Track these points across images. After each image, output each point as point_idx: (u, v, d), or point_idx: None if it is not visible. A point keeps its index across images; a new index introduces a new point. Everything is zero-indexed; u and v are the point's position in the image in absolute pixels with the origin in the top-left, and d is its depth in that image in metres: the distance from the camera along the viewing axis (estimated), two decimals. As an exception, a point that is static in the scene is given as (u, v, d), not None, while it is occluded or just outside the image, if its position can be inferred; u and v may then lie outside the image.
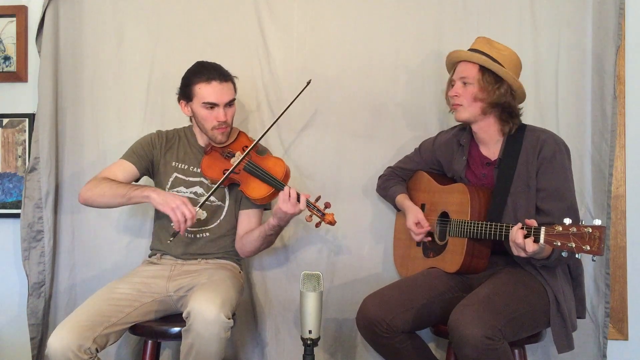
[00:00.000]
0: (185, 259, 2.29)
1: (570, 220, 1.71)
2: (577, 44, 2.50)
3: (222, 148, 2.31)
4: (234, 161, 2.26)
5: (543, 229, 1.76)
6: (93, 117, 2.68)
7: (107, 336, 2.00)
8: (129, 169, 2.29)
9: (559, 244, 1.72)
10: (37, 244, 2.60)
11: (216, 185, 2.22)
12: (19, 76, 2.73)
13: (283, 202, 2.11)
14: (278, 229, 2.22)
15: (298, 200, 2.13)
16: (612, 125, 2.44)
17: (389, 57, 2.59)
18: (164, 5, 2.66)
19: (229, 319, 1.91)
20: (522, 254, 1.83)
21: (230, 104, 2.27)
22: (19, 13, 2.72)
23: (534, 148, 2.06)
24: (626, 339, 2.53)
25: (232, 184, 2.31)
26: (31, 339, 2.57)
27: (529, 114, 2.45)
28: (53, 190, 2.60)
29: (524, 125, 2.15)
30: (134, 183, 2.29)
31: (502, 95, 2.08)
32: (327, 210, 2.17)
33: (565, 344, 1.97)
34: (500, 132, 2.15)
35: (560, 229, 1.72)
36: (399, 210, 2.44)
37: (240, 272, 2.36)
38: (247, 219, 2.33)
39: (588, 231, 1.65)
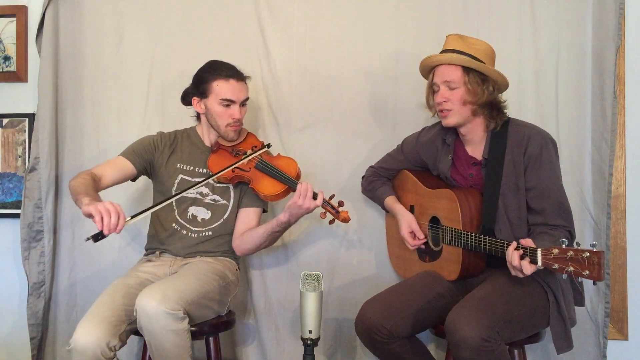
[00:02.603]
0: (185, 257, 2.30)
1: (567, 241, 1.69)
2: (577, 44, 2.50)
3: (232, 147, 2.33)
4: (245, 158, 2.27)
5: (539, 251, 1.73)
6: (93, 117, 2.68)
7: (127, 333, 1.99)
8: (123, 167, 2.27)
9: (557, 267, 1.69)
10: (37, 244, 2.60)
11: (219, 172, 2.21)
12: (19, 76, 2.73)
13: (300, 197, 2.11)
14: (286, 226, 2.22)
15: (314, 197, 2.14)
16: (612, 125, 2.43)
17: (389, 57, 2.59)
18: (164, 5, 2.67)
19: (175, 310, 1.88)
20: (520, 275, 1.80)
21: (244, 103, 2.31)
22: (19, 13, 2.72)
23: (519, 145, 2.02)
24: (626, 339, 2.52)
25: (239, 183, 2.31)
26: (31, 339, 2.57)
27: (529, 114, 2.45)
28: (53, 190, 2.60)
29: (508, 120, 2.11)
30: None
31: (491, 94, 2.04)
32: (341, 208, 2.17)
33: (565, 345, 1.96)
34: (486, 129, 2.11)
35: (557, 251, 1.69)
36: (387, 211, 2.42)
37: (237, 270, 2.35)
38: (247, 217, 2.33)
39: (586, 256, 1.62)
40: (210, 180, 2.31)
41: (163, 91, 2.65)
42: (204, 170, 2.34)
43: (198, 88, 2.30)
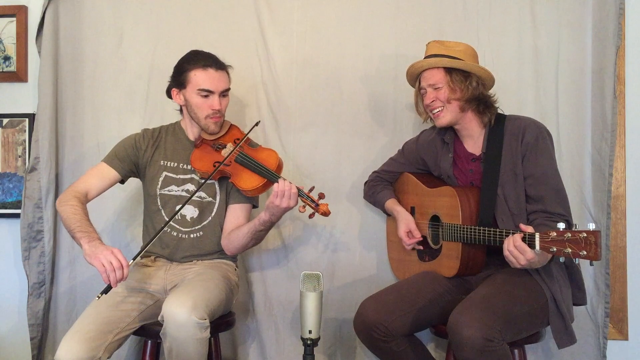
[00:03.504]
0: (180, 262, 2.27)
1: (564, 225, 1.70)
2: (577, 44, 2.50)
3: (213, 140, 2.27)
4: (225, 153, 2.22)
5: (537, 235, 1.75)
6: (93, 117, 2.68)
7: (116, 342, 1.99)
8: (107, 175, 2.26)
9: (555, 249, 1.70)
10: (37, 244, 2.60)
11: (207, 177, 2.17)
12: (19, 76, 2.73)
13: (277, 195, 2.06)
14: (269, 225, 2.17)
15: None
16: (612, 125, 2.43)
17: (389, 56, 2.59)
18: (164, 5, 2.67)
19: (203, 319, 1.88)
20: (522, 262, 1.80)
21: (224, 93, 2.23)
22: (19, 13, 2.72)
23: (516, 136, 2.06)
24: (626, 339, 2.53)
25: (222, 177, 2.26)
26: (31, 339, 2.58)
27: (529, 114, 2.44)
28: (53, 190, 2.59)
29: (504, 116, 2.15)
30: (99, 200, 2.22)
31: (475, 89, 2.10)
32: (321, 201, 2.09)
33: (567, 339, 1.97)
34: (481, 124, 2.15)
35: (555, 234, 1.70)
36: (388, 215, 2.43)
37: (235, 270, 2.34)
38: (235, 214, 2.28)
39: (583, 236, 1.64)
40: (195, 177, 2.27)
41: (163, 91, 2.62)
42: (188, 167, 2.29)
43: (177, 79, 2.24)
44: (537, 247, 1.75)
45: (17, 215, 2.66)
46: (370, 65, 2.60)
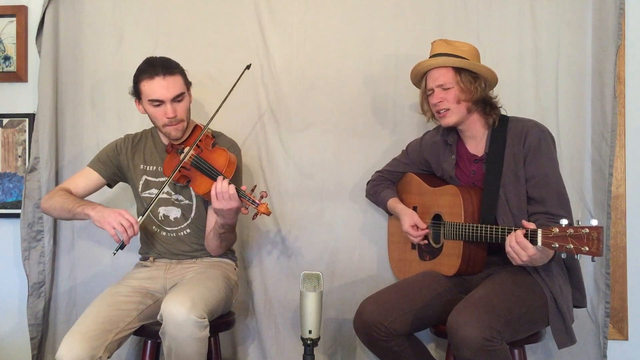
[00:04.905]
0: (180, 259, 2.28)
1: (567, 221, 1.71)
2: (577, 44, 2.50)
3: (178, 145, 2.23)
4: (183, 157, 2.16)
5: (540, 231, 1.75)
6: (93, 117, 2.68)
7: (117, 342, 2.00)
8: (92, 178, 2.28)
9: (557, 245, 1.71)
10: (37, 244, 2.60)
11: (161, 187, 2.15)
12: (19, 76, 2.73)
13: (215, 197, 2.01)
14: (227, 227, 2.13)
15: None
16: (612, 125, 2.44)
17: (389, 57, 2.59)
18: (164, 5, 2.67)
19: (202, 318, 1.89)
20: (524, 258, 1.80)
21: (178, 98, 2.16)
22: (19, 13, 2.72)
23: (519, 137, 2.07)
24: (626, 339, 2.53)
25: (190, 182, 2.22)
26: (31, 339, 2.58)
27: (529, 114, 2.44)
28: (53, 190, 2.60)
29: (507, 117, 2.15)
30: (85, 202, 2.18)
31: (483, 90, 2.10)
32: (262, 200, 2.02)
33: (567, 339, 1.97)
34: (485, 125, 2.15)
35: (557, 230, 1.71)
36: (390, 214, 2.43)
37: (235, 269, 2.34)
38: (212, 215, 2.20)
39: (585, 232, 1.65)
40: (170, 180, 2.24)
41: (163, 91, 2.64)
42: None
43: (134, 89, 2.21)
44: (539, 243, 1.75)
45: (17, 215, 2.66)
46: (370, 65, 2.60)
